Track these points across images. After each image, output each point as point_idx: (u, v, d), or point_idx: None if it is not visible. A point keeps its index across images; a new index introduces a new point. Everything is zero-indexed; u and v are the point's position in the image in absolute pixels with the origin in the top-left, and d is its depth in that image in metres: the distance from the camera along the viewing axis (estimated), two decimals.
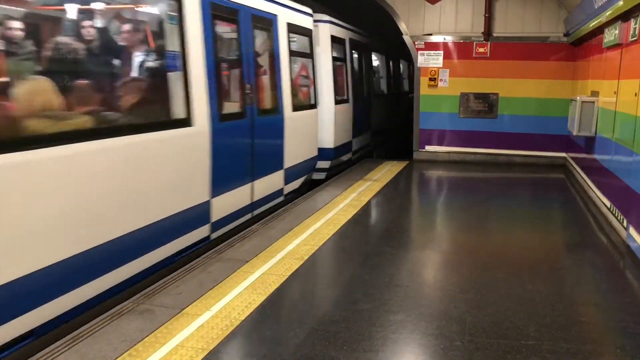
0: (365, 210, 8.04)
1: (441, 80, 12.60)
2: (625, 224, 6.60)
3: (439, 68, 12.58)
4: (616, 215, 7.10)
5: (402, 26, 12.69)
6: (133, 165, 4.89)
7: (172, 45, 5.64)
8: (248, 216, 7.32)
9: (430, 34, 12.58)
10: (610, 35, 7.90)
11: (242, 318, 4.34)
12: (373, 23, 14.51)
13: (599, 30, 8.73)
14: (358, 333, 4.15)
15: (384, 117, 15.89)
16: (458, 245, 6.82)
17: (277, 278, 5.19)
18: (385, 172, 11.17)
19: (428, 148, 12.95)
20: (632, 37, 6.75)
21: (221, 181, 6.39)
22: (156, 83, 5.57)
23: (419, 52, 12.60)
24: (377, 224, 7.60)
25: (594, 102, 8.96)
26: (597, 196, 8.38)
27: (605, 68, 8.51)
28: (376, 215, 8.04)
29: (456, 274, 5.59)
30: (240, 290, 4.87)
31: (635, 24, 6.59)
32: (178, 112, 5.61)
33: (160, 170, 5.29)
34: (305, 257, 5.80)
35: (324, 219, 7.37)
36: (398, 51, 16.79)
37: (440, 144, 12.89)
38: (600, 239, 6.99)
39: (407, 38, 12.70)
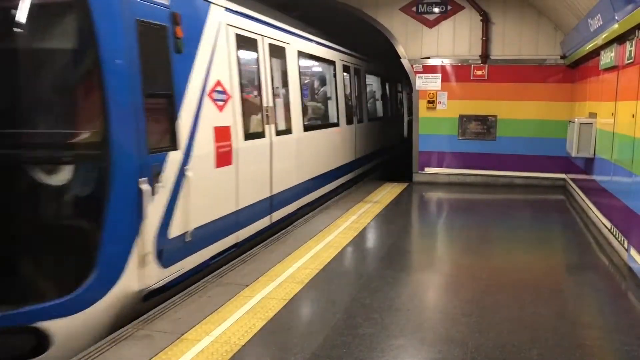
0: (365, 232, 8.02)
1: (439, 102, 12.67)
2: (626, 245, 6.59)
3: (437, 91, 12.66)
4: (617, 236, 7.09)
5: (400, 50, 12.81)
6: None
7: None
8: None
9: (428, 57, 12.69)
10: (607, 58, 7.98)
11: (242, 343, 4.30)
12: (372, 47, 14.66)
13: (596, 52, 8.82)
14: (359, 358, 4.11)
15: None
16: (459, 267, 6.79)
17: (278, 302, 5.16)
18: (385, 194, 11.18)
19: (427, 170, 12.97)
20: (628, 60, 6.82)
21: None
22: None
23: (417, 75, 12.70)
24: (377, 247, 7.57)
25: (592, 123, 9.01)
26: (597, 217, 8.37)
27: (602, 90, 8.58)
28: (377, 237, 8.02)
29: (457, 297, 5.56)
30: (241, 315, 4.84)
31: (631, 46, 6.66)
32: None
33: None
34: (306, 281, 5.77)
35: (324, 241, 7.35)
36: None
37: (439, 166, 12.91)
38: (601, 261, 6.96)
39: (405, 61, 12.81)
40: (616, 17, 6.69)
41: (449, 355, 4.17)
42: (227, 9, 6.66)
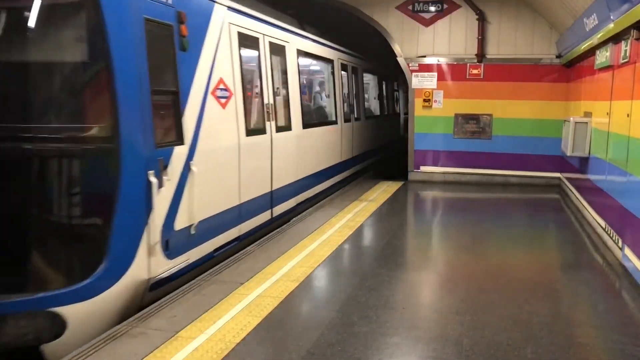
0: (360, 231, 8.02)
1: (435, 101, 12.69)
2: (620, 244, 6.61)
3: (433, 89, 12.68)
4: (611, 235, 7.11)
5: (397, 48, 12.82)
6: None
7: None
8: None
9: (424, 56, 12.70)
10: (602, 57, 8.00)
11: (237, 341, 4.30)
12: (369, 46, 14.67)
13: (591, 52, 8.84)
14: (354, 356, 4.11)
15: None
16: (454, 266, 6.80)
17: (273, 300, 5.16)
18: (381, 193, 11.18)
19: (423, 169, 12.98)
20: (623, 59, 6.84)
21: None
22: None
23: (413, 73, 12.71)
24: (372, 245, 7.58)
25: (587, 122, 9.03)
26: (592, 216, 8.40)
27: (597, 89, 8.60)
28: (372, 236, 8.03)
29: (452, 296, 5.56)
30: (235, 313, 4.83)
31: (626, 46, 6.68)
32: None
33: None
34: (301, 279, 5.77)
35: (319, 240, 7.35)
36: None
37: (435, 164, 12.94)
38: (595, 259, 6.99)
39: (401, 60, 12.82)
40: (612, 17, 6.71)
41: (444, 354, 4.18)
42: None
